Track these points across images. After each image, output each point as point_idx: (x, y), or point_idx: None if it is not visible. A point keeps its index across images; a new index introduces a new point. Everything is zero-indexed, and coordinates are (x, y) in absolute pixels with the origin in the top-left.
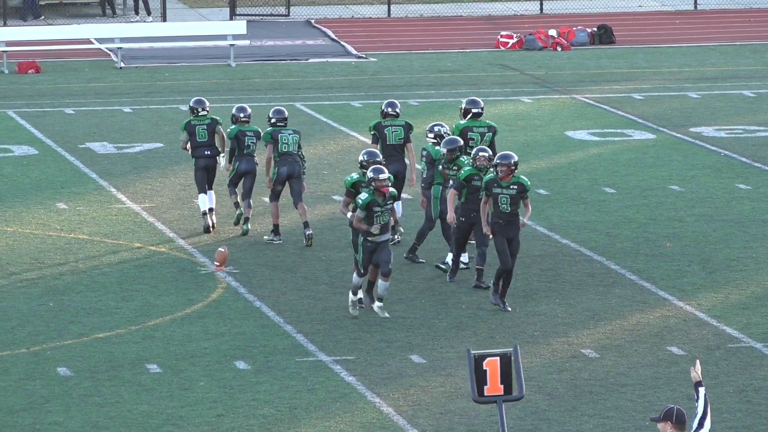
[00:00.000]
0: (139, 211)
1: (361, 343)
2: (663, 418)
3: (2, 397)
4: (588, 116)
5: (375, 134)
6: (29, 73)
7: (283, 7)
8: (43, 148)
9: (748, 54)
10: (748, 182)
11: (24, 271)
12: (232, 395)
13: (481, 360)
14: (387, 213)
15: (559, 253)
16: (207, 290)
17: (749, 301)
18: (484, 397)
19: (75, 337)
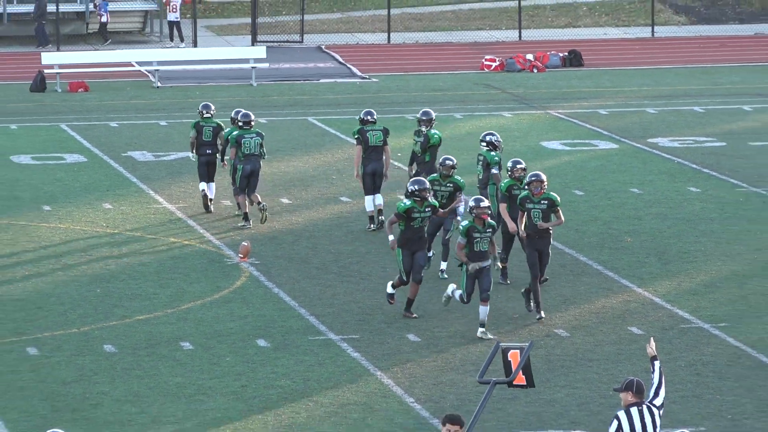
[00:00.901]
0: (173, 210)
1: (365, 324)
2: (624, 389)
3: (56, 370)
4: (560, 129)
5: (359, 138)
6: (79, 91)
7: (297, 35)
8: (91, 156)
9: (699, 75)
10: (697, 186)
11: (75, 262)
12: (254, 369)
13: (507, 352)
14: (486, 240)
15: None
16: (232, 279)
17: (698, 288)
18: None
19: (119, 318)
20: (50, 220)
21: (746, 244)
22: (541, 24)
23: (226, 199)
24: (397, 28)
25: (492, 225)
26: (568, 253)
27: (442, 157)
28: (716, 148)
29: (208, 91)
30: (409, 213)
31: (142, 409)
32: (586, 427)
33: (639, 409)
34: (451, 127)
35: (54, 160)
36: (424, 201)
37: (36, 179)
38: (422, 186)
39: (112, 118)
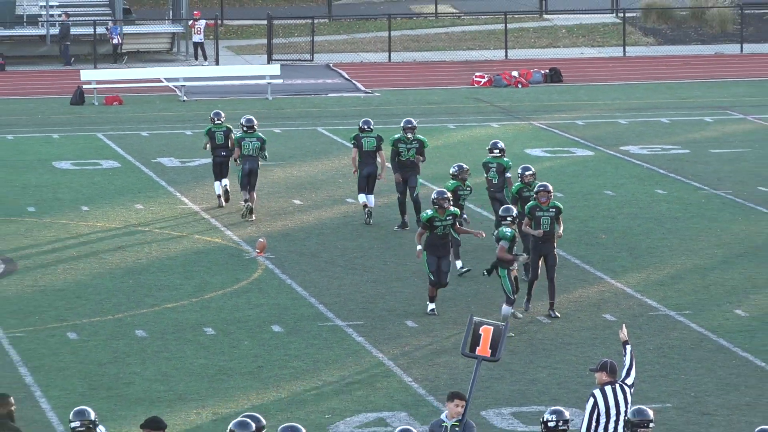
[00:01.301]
0: (198, 210)
1: (368, 311)
2: (599, 369)
3: (93, 353)
4: (542, 138)
5: (354, 143)
6: (114, 105)
7: (308, 54)
8: (124, 162)
9: (665, 90)
10: (664, 188)
11: (110, 257)
12: (269, 351)
13: (479, 326)
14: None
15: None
16: (250, 271)
17: (665, 279)
18: (473, 354)
19: (149, 307)
20: (88, 219)
21: (707, 240)
22: (524, 44)
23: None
24: (397, 49)
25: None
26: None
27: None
28: (680, 154)
29: (228, 104)
30: (431, 222)
31: (169, 387)
32: (565, 403)
33: (612, 387)
34: (444, 136)
35: (91, 165)
36: (444, 210)
37: (75, 183)
38: (441, 195)
39: (143, 129)
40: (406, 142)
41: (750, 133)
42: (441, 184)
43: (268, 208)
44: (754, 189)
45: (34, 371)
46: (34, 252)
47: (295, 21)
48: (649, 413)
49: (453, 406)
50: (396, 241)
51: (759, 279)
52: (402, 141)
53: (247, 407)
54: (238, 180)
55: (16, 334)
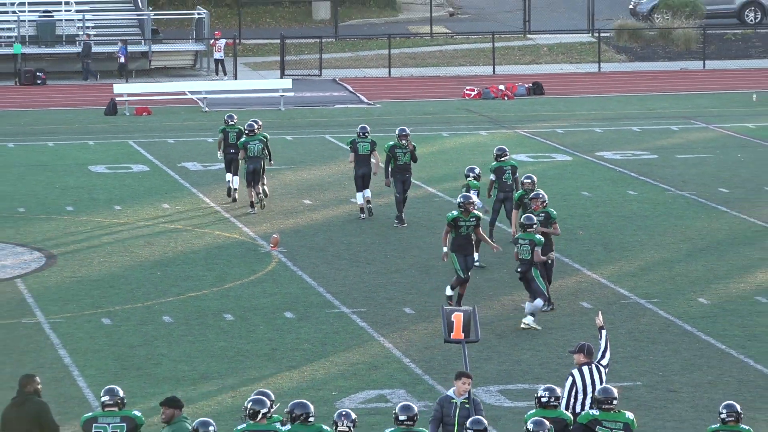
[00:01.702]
0: (218, 209)
1: (370, 299)
2: (577, 351)
3: (125, 336)
4: (526, 144)
5: (351, 146)
6: (143, 115)
7: (317, 70)
8: (152, 166)
9: (635, 102)
10: (635, 190)
11: (140, 250)
12: (282, 335)
13: (450, 314)
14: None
15: (505, 239)
16: (265, 264)
17: (636, 271)
18: (451, 340)
19: (175, 295)
20: (120, 217)
21: (673, 236)
22: (510, 61)
23: None
24: (396, 65)
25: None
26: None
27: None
28: (649, 159)
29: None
30: (456, 222)
31: (193, 367)
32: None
33: (589, 367)
34: (438, 143)
35: (123, 169)
36: (469, 212)
37: (109, 185)
38: (467, 200)
39: (169, 136)
40: (402, 147)
41: (712, 140)
42: (435, 186)
43: (281, 207)
44: (715, 190)
45: (72, 353)
46: (72, 246)
47: (305, 40)
48: (613, 392)
49: (461, 384)
50: (395, 237)
51: (720, 270)
52: (398, 147)
53: (262, 385)
54: (244, 177)
55: (56, 320)
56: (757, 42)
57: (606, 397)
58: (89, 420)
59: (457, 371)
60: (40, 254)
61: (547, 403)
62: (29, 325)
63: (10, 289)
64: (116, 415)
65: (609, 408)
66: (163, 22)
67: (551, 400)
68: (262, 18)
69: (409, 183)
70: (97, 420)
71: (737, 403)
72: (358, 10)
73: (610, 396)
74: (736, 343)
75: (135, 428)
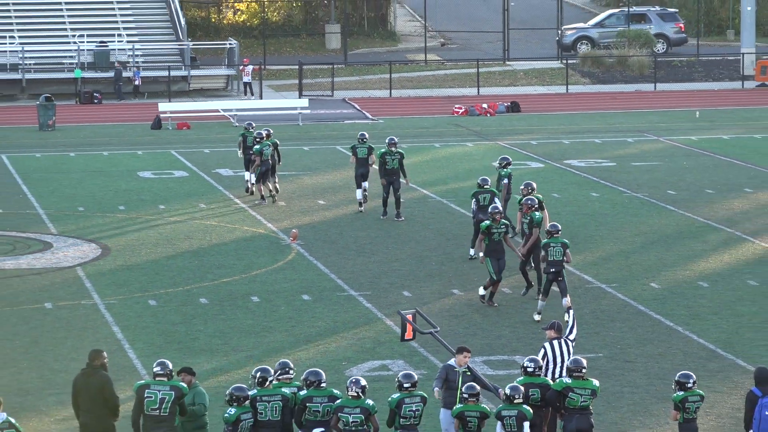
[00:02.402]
0: (247, 208)
1: (374, 284)
2: (549, 327)
3: (168, 315)
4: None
5: (352, 150)
6: (183, 129)
7: (329, 91)
8: (191, 172)
9: (598, 118)
10: (597, 192)
11: (181, 243)
12: (300, 314)
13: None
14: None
15: None
16: (286, 254)
17: (597, 260)
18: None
19: (210, 281)
20: (164, 215)
21: (629, 231)
22: (492, 84)
23: (282, 200)
24: (396, 87)
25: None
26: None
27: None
28: (609, 166)
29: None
30: (489, 230)
31: (225, 341)
32: (523, 353)
33: (559, 341)
34: (431, 153)
35: (166, 175)
36: (498, 221)
37: (155, 188)
38: (495, 209)
39: (205, 147)
40: (391, 154)
41: (661, 150)
42: (428, 189)
43: (299, 207)
44: (664, 192)
45: (123, 329)
46: (123, 239)
47: (319, 66)
48: (583, 362)
49: (462, 357)
50: (395, 232)
51: (668, 260)
52: (387, 154)
53: (282, 356)
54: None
55: (110, 302)
56: (700, 68)
57: (576, 366)
58: (142, 386)
59: (459, 346)
60: (96, 246)
61: (532, 372)
62: (87, 305)
63: (72, 276)
64: (166, 384)
65: (579, 376)
66: (200, 51)
67: (536, 369)
68: (284, 47)
69: (398, 185)
70: (149, 387)
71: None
72: (364, 40)
73: (580, 365)
74: (682, 321)
75: (181, 396)
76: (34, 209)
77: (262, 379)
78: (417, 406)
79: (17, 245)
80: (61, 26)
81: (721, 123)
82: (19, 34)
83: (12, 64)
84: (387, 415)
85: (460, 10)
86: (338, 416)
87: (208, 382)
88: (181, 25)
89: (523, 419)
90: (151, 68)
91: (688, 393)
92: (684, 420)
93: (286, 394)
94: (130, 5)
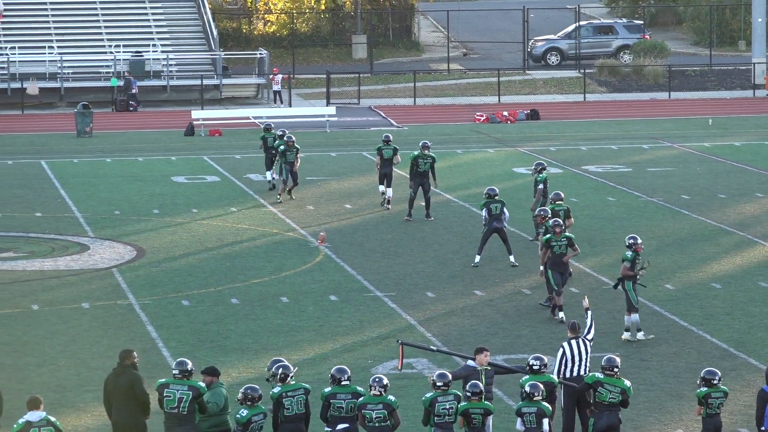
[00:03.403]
0: (276, 212)
1: (399, 285)
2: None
3: (200, 315)
4: (525, 159)
5: (378, 152)
6: (215, 136)
7: (356, 99)
8: (222, 177)
9: (614, 125)
10: (614, 197)
11: (213, 246)
12: (327, 314)
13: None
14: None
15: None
16: (314, 256)
17: (614, 262)
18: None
19: (241, 282)
20: (197, 219)
21: (644, 234)
22: (512, 92)
23: (311, 205)
24: (420, 95)
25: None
26: (530, 239)
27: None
28: (625, 172)
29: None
30: (549, 242)
31: (255, 340)
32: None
33: (576, 341)
34: (454, 158)
35: (199, 179)
36: (558, 234)
37: (188, 192)
38: (557, 223)
39: (236, 153)
40: (424, 157)
41: (676, 156)
42: (451, 193)
43: (327, 211)
44: (678, 197)
45: (157, 328)
46: (157, 242)
47: (346, 75)
48: (616, 360)
49: (483, 357)
50: (419, 234)
51: (682, 262)
52: (420, 157)
53: (311, 355)
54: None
55: (145, 302)
56: (713, 77)
57: (610, 364)
58: (162, 385)
59: (479, 347)
60: (132, 248)
61: (537, 370)
62: (123, 305)
63: (108, 277)
64: (184, 384)
65: (611, 374)
66: (231, 61)
67: (541, 367)
68: (312, 57)
69: (428, 186)
70: (168, 386)
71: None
72: (389, 50)
73: (613, 364)
74: (696, 321)
75: (199, 396)
76: (72, 213)
77: (284, 375)
78: (451, 405)
79: (56, 247)
80: (98, 37)
81: (734, 130)
82: (58, 44)
83: (51, 73)
84: (410, 412)
85: (481, 21)
86: (362, 413)
87: (239, 379)
88: (214, 35)
89: (542, 416)
90: (184, 77)
91: (711, 389)
92: (707, 415)
93: (307, 387)
94: (164, 17)
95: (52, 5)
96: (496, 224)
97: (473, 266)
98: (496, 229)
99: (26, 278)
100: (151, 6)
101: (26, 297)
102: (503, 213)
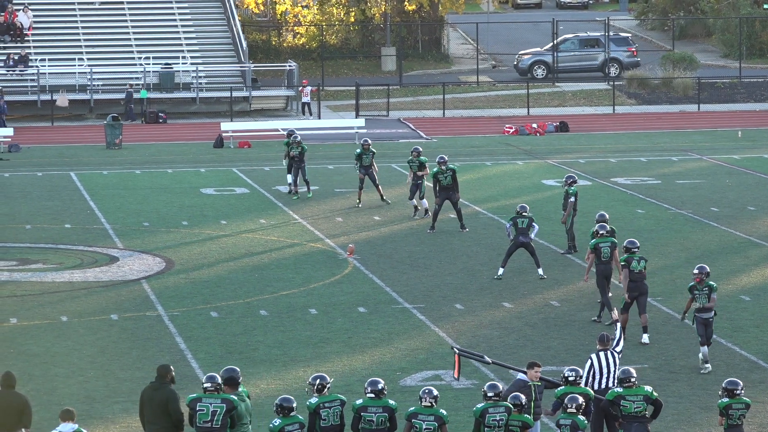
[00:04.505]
0: (305, 224)
1: (427, 297)
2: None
3: (229, 326)
4: (554, 172)
5: (409, 167)
6: (245, 147)
7: (385, 111)
8: (252, 189)
9: (643, 138)
10: (642, 209)
11: (242, 257)
12: (356, 326)
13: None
14: (704, 295)
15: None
16: (342, 268)
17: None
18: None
19: (269, 293)
20: (226, 230)
21: (673, 246)
22: (541, 104)
23: (339, 216)
24: (449, 107)
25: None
26: (559, 252)
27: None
28: (654, 184)
29: (328, 147)
30: (596, 247)
31: (284, 352)
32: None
33: (605, 353)
34: (483, 171)
35: (228, 191)
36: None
37: (217, 204)
38: (604, 228)
39: (265, 165)
40: (443, 172)
41: (705, 168)
42: (480, 205)
43: (356, 223)
44: (707, 209)
45: (186, 340)
46: (186, 254)
47: (375, 87)
48: (631, 371)
49: (533, 372)
50: (448, 246)
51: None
52: (440, 173)
53: (339, 367)
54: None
55: (174, 313)
56: (742, 89)
57: (626, 376)
58: (194, 400)
59: (530, 362)
60: (161, 260)
61: (573, 381)
62: (152, 317)
63: (137, 288)
64: (217, 397)
65: (629, 385)
66: (260, 73)
67: (577, 378)
68: (341, 69)
69: (455, 198)
70: (201, 400)
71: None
72: (418, 62)
73: (628, 375)
74: (725, 333)
75: (232, 408)
76: (101, 224)
77: (321, 386)
78: (501, 416)
79: (85, 259)
80: (128, 49)
81: (763, 142)
82: (87, 56)
83: (81, 85)
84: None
85: (510, 33)
86: (411, 422)
87: (267, 391)
88: (243, 47)
89: (575, 429)
90: (213, 89)
91: (733, 400)
92: (728, 426)
93: (343, 398)
94: (194, 29)
95: (82, 17)
96: (522, 239)
97: (496, 279)
98: (522, 244)
99: (55, 290)
100: (180, 18)
101: (55, 308)
102: (532, 227)
